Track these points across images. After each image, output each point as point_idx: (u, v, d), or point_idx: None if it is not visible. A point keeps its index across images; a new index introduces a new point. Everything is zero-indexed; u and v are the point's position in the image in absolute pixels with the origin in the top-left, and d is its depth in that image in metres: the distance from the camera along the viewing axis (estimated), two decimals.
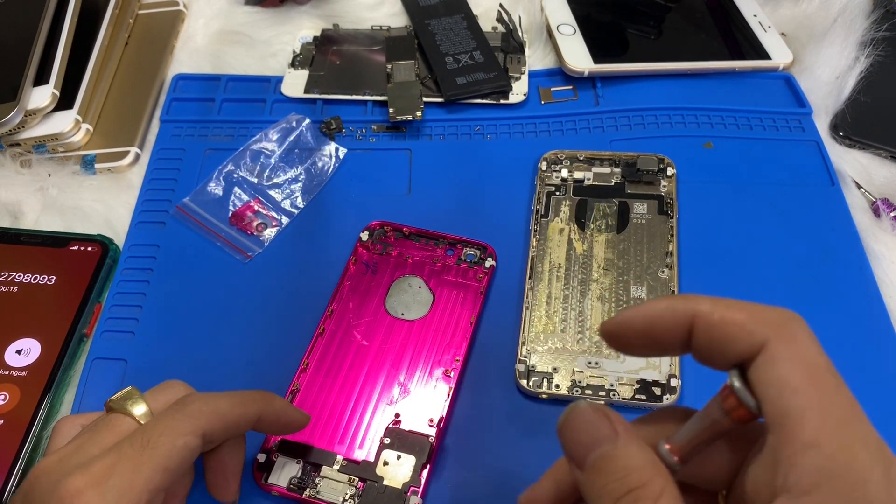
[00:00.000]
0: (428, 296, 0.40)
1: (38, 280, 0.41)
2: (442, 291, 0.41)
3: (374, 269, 0.41)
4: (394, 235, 0.43)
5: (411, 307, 0.40)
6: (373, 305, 0.40)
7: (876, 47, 0.51)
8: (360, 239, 0.42)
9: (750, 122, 0.48)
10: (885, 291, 0.41)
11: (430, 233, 0.42)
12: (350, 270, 0.41)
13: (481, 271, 0.41)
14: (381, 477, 0.34)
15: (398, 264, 0.42)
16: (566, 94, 0.51)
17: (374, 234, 0.42)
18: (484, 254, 0.42)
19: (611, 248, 0.42)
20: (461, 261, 0.42)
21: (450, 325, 0.39)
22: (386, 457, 0.35)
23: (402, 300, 0.40)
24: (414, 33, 0.54)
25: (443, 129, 0.49)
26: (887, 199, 0.45)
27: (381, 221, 0.43)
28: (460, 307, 0.40)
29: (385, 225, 0.43)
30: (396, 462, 0.35)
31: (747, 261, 0.42)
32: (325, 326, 0.39)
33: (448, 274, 0.41)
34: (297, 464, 0.35)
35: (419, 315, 0.40)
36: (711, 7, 0.56)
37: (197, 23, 0.56)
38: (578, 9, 0.54)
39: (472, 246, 0.42)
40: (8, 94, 0.46)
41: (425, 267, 0.42)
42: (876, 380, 0.38)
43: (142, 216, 0.45)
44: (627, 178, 0.45)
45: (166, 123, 0.50)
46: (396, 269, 0.42)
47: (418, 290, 0.41)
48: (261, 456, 0.35)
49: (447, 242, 0.42)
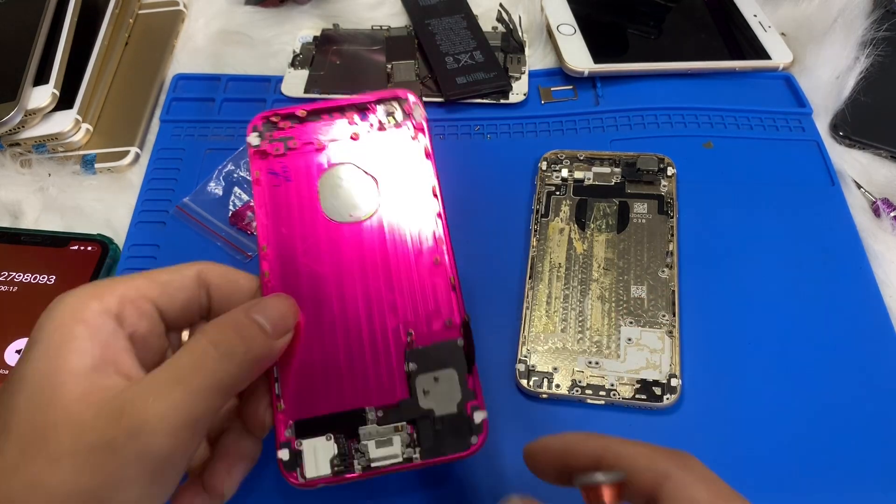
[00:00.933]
0: (367, 180, 0.32)
1: (38, 280, 0.41)
2: (382, 172, 0.32)
3: (286, 175, 0.32)
4: (289, 123, 0.33)
5: (356, 203, 0.32)
6: (311, 221, 0.31)
7: (876, 47, 0.51)
8: (251, 144, 0.32)
9: (750, 121, 0.48)
10: (885, 291, 0.41)
11: (330, 103, 0.33)
12: (258, 191, 0.32)
13: (414, 127, 0.33)
14: (429, 409, 0.29)
15: (312, 157, 0.32)
16: (566, 93, 0.51)
17: (263, 130, 0.32)
18: (406, 105, 0.33)
19: (611, 247, 0.42)
20: (383, 124, 0.33)
21: (411, 206, 0.32)
22: (422, 384, 0.29)
23: (341, 198, 0.32)
24: (414, 33, 0.54)
25: (443, 128, 0.49)
26: (887, 199, 0.45)
27: (265, 112, 0.33)
28: (413, 180, 0.32)
29: (272, 115, 0.33)
30: (436, 385, 0.29)
31: (747, 261, 0.42)
32: (266, 269, 0.30)
33: (382, 147, 0.33)
34: (327, 440, 0.28)
35: (371, 208, 0.32)
36: (711, 7, 0.56)
37: (197, 23, 0.56)
38: (578, 9, 0.54)
39: (386, 102, 0.33)
40: (8, 93, 0.46)
41: (345, 148, 0.33)
42: (876, 380, 0.38)
43: (142, 216, 0.45)
44: (627, 178, 0.45)
45: (166, 123, 0.50)
46: (312, 163, 0.32)
47: (352, 179, 0.32)
48: (282, 452, 0.28)
49: (355, 108, 0.33)
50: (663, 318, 0.39)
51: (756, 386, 0.38)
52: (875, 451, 0.36)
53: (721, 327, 0.40)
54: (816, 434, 0.36)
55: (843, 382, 0.38)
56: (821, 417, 0.37)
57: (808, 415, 0.37)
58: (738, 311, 0.40)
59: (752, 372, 0.38)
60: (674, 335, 0.39)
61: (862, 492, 0.35)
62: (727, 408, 0.37)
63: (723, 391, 0.38)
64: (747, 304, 0.40)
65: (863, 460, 0.35)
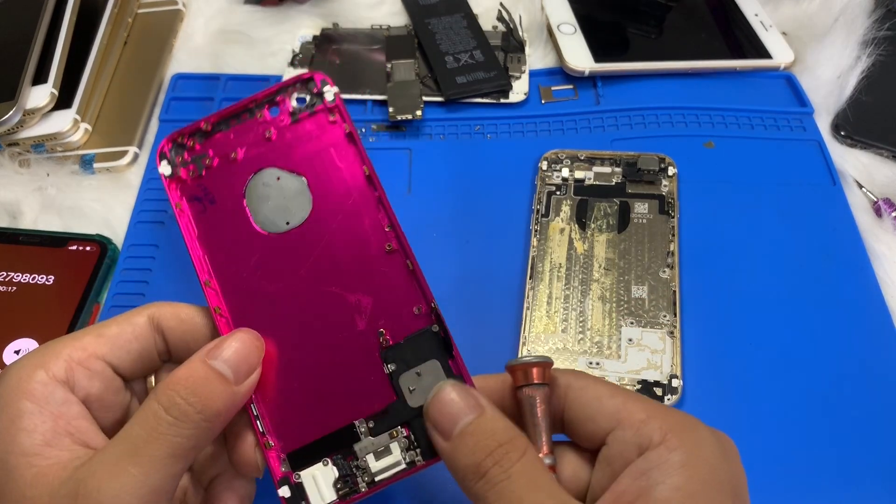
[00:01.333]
0: (295, 181, 0.30)
1: (36, 280, 0.41)
2: (309, 168, 0.30)
3: (209, 198, 0.30)
4: (196, 141, 0.31)
5: (289, 208, 0.30)
6: (247, 240, 0.30)
7: (877, 46, 0.51)
8: (163, 175, 0.30)
9: (751, 121, 0.48)
10: (886, 291, 0.41)
11: (234, 107, 0.31)
12: (183, 222, 0.30)
13: (328, 110, 0.30)
14: (420, 407, 0.27)
15: (231, 171, 0.30)
16: (567, 93, 0.51)
17: (172, 155, 0.31)
18: (314, 87, 0.30)
19: (612, 247, 0.42)
20: (296, 115, 0.30)
21: (347, 197, 0.29)
22: (406, 383, 0.28)
23: (272, 207, 0.30)
24: (414, 32, 0.54)
25: (443, 128, 0.49)
26: (889, 199, 0.45)
27: (169, 135, 0.31)
28: (342, 169, 0.30)
29: (176, 136, 0.31)
30: (420, 380, 0.27)
31: (748, 260, 0.42)
32: (215, 303, 0.29)
33: (300, 143, 0.30)
34: (325, 466, 0.27)
35: (305, 210, 0.30)
36: (712, 6, 0.56)
37: (196, 22, 0.56)
38: (579, 8, 0.54)
39: (293, 88, 0.30)
40: (6, 93, 0.45)
41: (266, 152, 0.30)
42: (877, 380, 0.37)
43: (141, 216, 0.45)
44: (628, 178, 0.45)
45: (165, 123, 0.50)
46: (233, 177, 0.30)
47: (279, 183, 0.30)
48: (283, 490, 0.27)
49: (264, 103, 0.31)
50: (664, 318, 0.39)
51: (757, 386, 0.37)
52: (876, 451, 0.35)
53: (722, 327, 0.39)
54: (818, 434, 0.36)
55: (845, 382, 0.37)
56: (822, 417, 0.37)
57: (809, 414, 0.37)
58: (740, 311, 0.40)
59: (753, 372, 0.38)
60: (675, 335, 0.38)
61: (863, 492, 0.35)
62: (728, 408, 0.37)
63: (724, 391, 0.37)
64: (748, 304, 0.40)
65: (864, 460, 0.35)
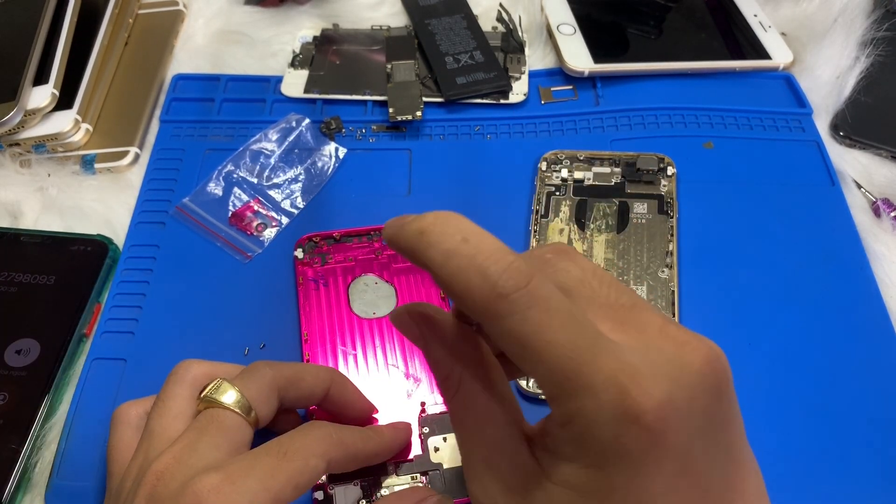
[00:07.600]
0: (388, 289, 0.41)
1: (37, 280, 0.41)
2: (399, 280, 0.41)
3: (324, 282, 0.41)
4: (326, 244, 0.42)
5: (378, 304, 0.40)
6: (342, 315, 0.40)
7: (876, 47, 0.51)
8: (297, 258, 0.42)
9: (750, 122, 0.48)
10: (885, 292, 0.41)
11: (359, 230, 0.42)
12: (302, 291, 0.41)
13: None
14: (439, 463, 0.35)
15: (345, 269, 0.41)
16: (566, 93, 0.51)
17: (306, 248, 0.42)
18: None
19: (611, 248, 0.42)
20: None
21: None
22: (433, 444, 0.36)
23: (367, 300, 0.40)
24: (414, 33, 0.54)
25: (443, 128, 0.49)
26: (888, 199, 0.45)
27: (308, 234, 0.42)
28: (424, 288, 0.40)
29: (314, 237, 0.42)
30: (444, 444, 0.36)
31: (747, 261, 0.42)
32: (307, 351, 0.39)
33: (396, 262, 0.41)
34: (354, 486, 0.34)
35: (390, 308, 0.40)
36: (712, 7, 0.56)
37: (196, 22, 0.56)
38: (578, 8, 0.54)
39: None
40: (7, 93, 0.46)
41: (372, 263, 0.42)
42: (876, 380, 0.37)
43: (141, 216, 0.45)
44: (627, 178, 0.45)
45: (166, 123, 0.50)
46: (345, 274, 0.41)
47: (376, 287, 0.41)
48: (317, 493, 0.34)
49: (380, 234, 0.41)
50: None
51: (756, 386, 0.37)
52: (875, 452, 0.35)
53: (721, 327, 0.39)
54: (816, 434, 0.36)
55: (843, 383, 0.37)
56: (821, 417, 0.37)
57: (807, 414, 0.37)
58: (738, 311, 0.40)
59: (751, 372, 0.38)
60: None
61: (862, 492, 0.35)
62: None
63: None
64: (747, 305, 0.40)
65: (863, 460, 0.35)
